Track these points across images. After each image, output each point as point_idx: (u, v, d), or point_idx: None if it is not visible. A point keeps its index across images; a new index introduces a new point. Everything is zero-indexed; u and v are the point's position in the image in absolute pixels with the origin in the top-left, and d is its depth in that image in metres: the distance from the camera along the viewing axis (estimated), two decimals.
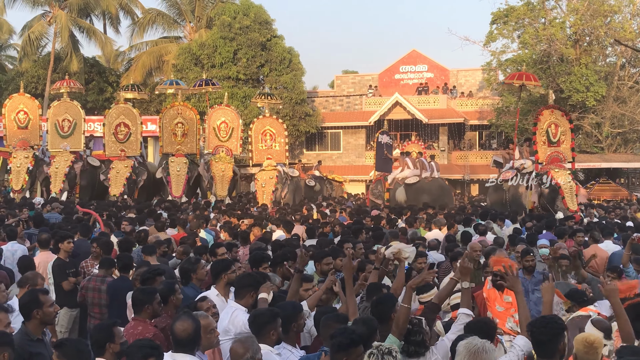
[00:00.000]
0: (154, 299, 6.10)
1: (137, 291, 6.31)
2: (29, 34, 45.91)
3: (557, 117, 21.26)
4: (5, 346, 4.71)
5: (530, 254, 8.72)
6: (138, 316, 6.10)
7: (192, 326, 5.04)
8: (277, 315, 5.41)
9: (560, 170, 20.22)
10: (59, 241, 9.57)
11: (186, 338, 5.02)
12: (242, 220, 15.40)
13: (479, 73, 45.62)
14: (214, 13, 45.53)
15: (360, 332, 4.79)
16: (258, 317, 5.40)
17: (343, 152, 46.73)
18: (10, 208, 17.60)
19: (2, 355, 4.66)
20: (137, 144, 25.69)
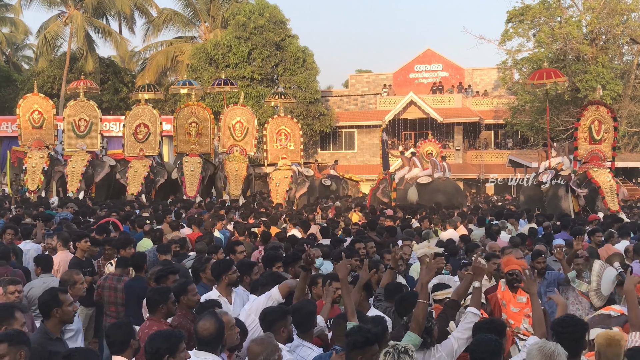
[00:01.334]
0: (168, 298, 6.11)
1: (151, 291, 6.33)
2: (45, 34, 46.16)
3: (602, 114, 20.41)
4: (22, 345, 4.74)
5: (542, 256, 8.67)
6: (153, 316, 6.11)
7: (214, 325, 5.05)
8: (287, 313, 5.41)
9: (599, 169, 19.58)
10: (77, 240, 9.63)
11: (208, 337, 5.04)
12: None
13: (495, 72, 45.47)
14: (229, 13, 45.62)
15: (375, 331, 4.79)
16: (268, 314, 5.42)
17: (357, 151, 46.70)
18: (27, 208, 17.74)
19: (18, 354, 4.69)
20: (156, 143, 25.78)
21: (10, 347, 4.66)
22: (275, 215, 15.63)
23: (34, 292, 7.73)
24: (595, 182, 19.23)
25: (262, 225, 14.12)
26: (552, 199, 20.57)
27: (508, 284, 7.48)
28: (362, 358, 4.59)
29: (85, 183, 24.47)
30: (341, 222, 15.92)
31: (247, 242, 11.37)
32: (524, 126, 38.29)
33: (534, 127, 37.37)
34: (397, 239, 12.37)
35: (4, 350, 4.64)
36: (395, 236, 12.43)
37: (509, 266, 7.48)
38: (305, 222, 13.88)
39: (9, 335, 4.73)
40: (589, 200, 19.38)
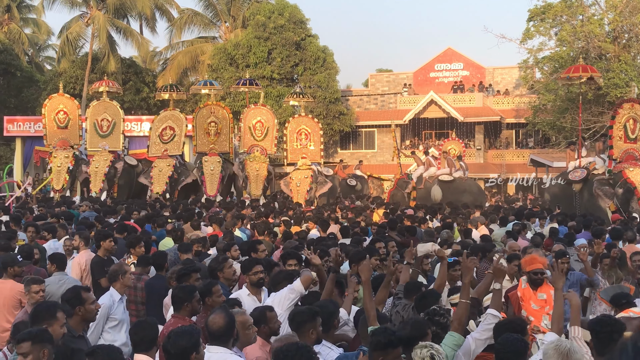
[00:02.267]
0: (194, 297, 6.15)
1: (176, 289, 6.37)
2: (67, 35, 46.54)
3: (637, 112, 19.84)
4: (45, 343, 4.79)
5: (566, 256, 8.62)
6: (177, 313, 6.16)
7: (224, 319, 5.09)
8: (316, 314, 5.40)
9: (635, 169, 18.86)
10: (101, 239, 9.72)
11: (217, 330, 5.08)
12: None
13: (516, 71, 45.21)
14: (249, 13, 45.73)
15: (401, 334, 4.78)
16: (297, 315, 5.42)
17: (377, 151, 46.61)
18: (49, 207, 17.89)
19: (41, 352, 4.74)
20: (180, 144, 25.93)
21: (33, 346, 4.71)
22: (296, 215, 15.65)
23: (50, 290, 7.84)
24: (632, 183, 18.56)
25: (283, 224, 14.16)
26: (588, 199, 19.97)
27: (530, 282, 7.46)
28: (383, 359, 4.59)
29: (107, 183, 24.66)
30: (361, 221, 15.93)
31: (267, 242, 11.40)
32: (546, 125, 37.97)
33: (556, 126, 37.06)
34: (418, 238, 12.38)
35: (27, 349, 4.70)
36: (416, 236, 12.43)
37: (533, 265, 7.46)
38: (325, 221, 13.89)
39: (32, 334, 4.78)
40: (624, 201, 18.69)
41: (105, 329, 7.12)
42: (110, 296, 7.21)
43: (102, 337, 7.11)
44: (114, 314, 7.16)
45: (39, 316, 5.25)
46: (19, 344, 4.75)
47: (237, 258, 9.33)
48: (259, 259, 7.98)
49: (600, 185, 19.15)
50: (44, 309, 5.36)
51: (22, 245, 10.14)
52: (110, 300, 7.18)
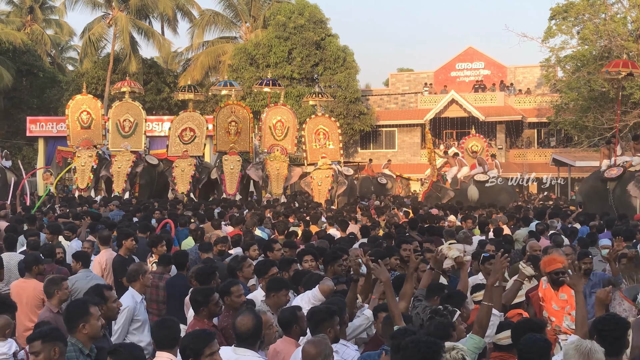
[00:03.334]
0: (210, 300, 6.13)
1: (194, 292, 6.36)
2: (89, 36, 46.90)
3: None
4: (56, 341, 4.82)
5: (588, 257, 8.56)
6: (197, 316, 6.16)
7: (252, 321, 5.09)
8: (334, 314, 5.39)
9: None
10: (123, 238, 9.77)
11: (246, 332, 5.08)
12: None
13: (537, 70, 44.92)
14: (269, 13, 45.84)
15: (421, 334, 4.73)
16: (315, 314, 5.40)
17: (398, 150, 46.50)
18: (71, 206, 18.02)
19: (52, 350, 4.75)
20: (201, 146, 26.03)
21: (44, 344, 4.74)
22: (316, 214, 15.64)
23: (78, 285, 7.94)
24: None
25: (303, 224, 14.15)
26: (622, 197, 19.66)
27: (551, 282, 7.41)
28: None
29: (129, 183, 24.83)
30: (382, 221, 15.90)
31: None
32: (568, 124, 37.67)
33: (578, 126, 36.77)
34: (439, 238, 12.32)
35: (38, 347, 4.73)
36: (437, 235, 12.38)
37: (553, 265, 7.40)
38: (344, 221, 13.87)
39: (42, 333, 4.82)
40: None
41: (130, 330, 7.14)
42: (132, 297, 7.22)
43: (127, 339, 7.13)
44: (138, 315, 7.18)
45: (72, 315, 5.26)
46: (30, 343, 4.78)
47: (256, 258, 9.35)
48: (274, 261, 7.99)
49: (638, 182, 18.94)
50: (76, 307, 5.36)
51: (44, 244, 10.22)
52: (133, 301, 7.19)
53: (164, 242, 9.80)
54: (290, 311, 5.74)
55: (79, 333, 5.16)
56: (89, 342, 5.21)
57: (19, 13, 54.02)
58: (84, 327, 5.16)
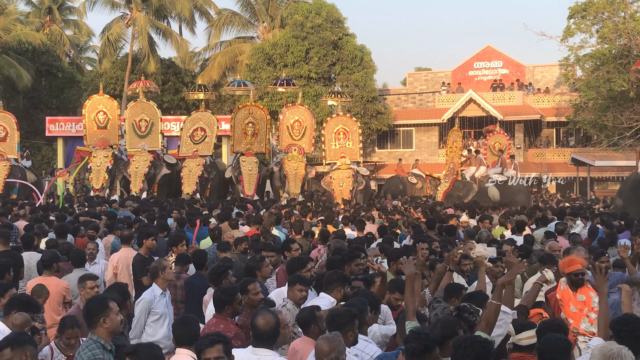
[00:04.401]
0: (235, 299, 6.17)
1: (218, 291, 6.39)
2: (107, 36, 47.14)
3: None
4: (25, 345, 4.84)
5: (605, 255, 8.51)
6: (219, 314, 6.19)
7: (273, 320, 5.10)
8: (355, 316, 5.38)
9: None
10: (144, 238, 9.83)
11: (267, 332, 5.08)
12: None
13: (556, 69, 44.66)
14: (286, 12, 45.86)
15: (434, 336, 4.71)
16: (336, 317, 5.39)
17: (415, 150, 46.32)
18: (91, 206, 18.15)
19: (23, 354, 4.78)
20: (211, 145, 26.07)
21: (14, 351, 4.76)
22: (331, 214, 15.63)
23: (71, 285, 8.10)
24: None
25: (320, 224, 14.16)
26: None
27: (570, 283, 7.35)
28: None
29: (147, 183, 24.92)
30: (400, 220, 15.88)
31: (305, 241, 11.42)
32: (587, 124, 37.44)
33: (597, 125, 36.53)
34: (457, 238, 12.29)
35: (7, 356, 4.74)
36: (455, 235, 12.34)
37: (572, 266, 7.36)
38: (361, 220, 13.86)
39: (10, 340, 4.84)
40: None
41: (148, 322, 7.23)
42: (152, 291, 7.35)
43: (145, 331, 7.22)
44: (156, 308, 7.27)
45: (92, 310, 5.32)
46: (0, 352, 4.80)
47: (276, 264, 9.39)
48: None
49: None
50: (95, 302, 5.42)
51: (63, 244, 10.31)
52: (151, 295, 7.29)
53: (184, 241, 9.86)
54: (309, 311, 5.75)
55: (100, 328, 5.22)
56: (109, 337, 5.26)
57: (38, 14, 54.38)
58: (104, 322, 5.21)
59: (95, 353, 5.08)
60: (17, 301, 6.25)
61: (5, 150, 26.62)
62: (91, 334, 5.24)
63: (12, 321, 5.94)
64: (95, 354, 5.07)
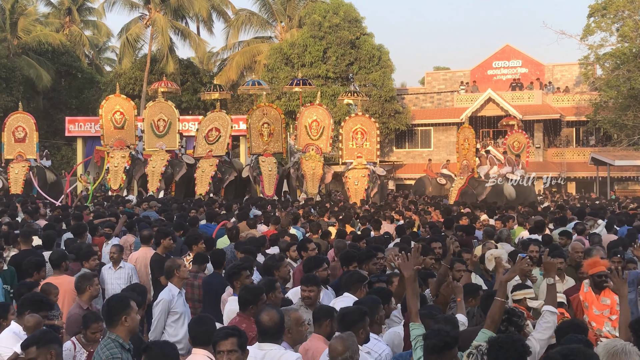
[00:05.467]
0: (260, 299, 6.18)
1: (243, 290, 6.41)
2: (126, 37, 47.41)
3: None
4: (51, 344, 4.88)
5: (617, 256, 8.45)
6: (243, 313, 6.20)
7: (277, 316, 5.11)
8: (365, 314, 5.39)
9: None
10: (161, 237, 9.86)
11: (272, 327, 5.11)
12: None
13: (576, 68, 44.34)
14: (304, 12, 45.87)
15: (454, 333, 4.73)
16: (347, 315, 5.40)
17: (434, 149, 46.18)
18: (112, 206, 18.26)
19: (48, 353, 4.83)
20: (224, 145, 26.01)
21: (39, 349, 4.81)
22: (349, 214, 15.60)
23: None
24: None
25: (338, 224, 14.13)
26: None
27: (594, 285, 7.27)
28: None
29: (165, 182, 25.01)
30: (417, 220, 15.81)
31: (323, 241, 11.40)
32: (607, 123, 37.12)
33: (618, 124, 36.22)
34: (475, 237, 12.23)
35: (33, 354, 4.80)
36: (473, 235, 12.29)
37: (596, 268, 7.28)
38: (377, 220, 13.83)
39: (36, 338, 4.89)
40: None
41: (168, 322, 7.25)
42: (169, 290, 7.36)
43: (165, 332, 7.23)
44: (175, 307, 7.30)
45: (114, 309, 5.34)
46: (25, 350, 4.85)
47: (296, 259, 9.37)
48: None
49: None
50: (117, 301, 5.44)
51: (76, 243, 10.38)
52: (169, 294, 7.31)
53: (201, 240, 9.88)
54: (326, 309, 5.76)
55: (120, 327, 5.24)
56: (128, 336, 5.28)
57: (58, 14, 54.81)
58: (125, 320, 5.24)
59: (113, 352, 5.10)
60: (29, 301, 6.30)
61: (25, 150, 26.85)
62: (109, 332, 5.26)
63: (25, 323, 5.97)
64: (113, 353, 5.09)
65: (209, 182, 24.40)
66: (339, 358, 4.72)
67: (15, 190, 25.02)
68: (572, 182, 42.91)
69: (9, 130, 27.22)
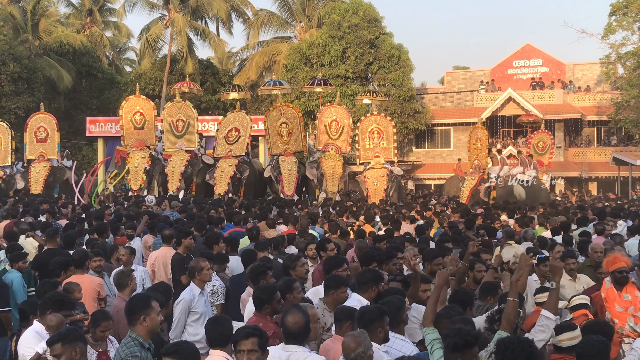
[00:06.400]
0: (274, 298, 6.19)
1: (257, 290, 6.42)
2: (146, 37, 47.65)
3: None
4: (76, 341, 4.92)
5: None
6: (260, 313, 6.21)
7: (303, 319, 5.10)
8: (384, 313, 5.38)
9: None
10: (182, 237, 9.90)
11: (297, 330, 5.09)
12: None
13: (597, 67, 43.99)
14: (324, 12, 45.87)
15: (475, 332, 4.77)
16: (365, 314, 5.40)
17: (453, 149, 46.01)
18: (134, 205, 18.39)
19: (73, 351, 4.88)
20: (244, 145, 26.06)
21: (64, 346, 4.86)
22: (370, 214, 15.57)
23: None
24: None
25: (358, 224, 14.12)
26: None
27: (615, 281, 7.23)
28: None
29: (184, 182, 25.10)
30: (436, 220, 15.77)
31: (342, 241, 11.38)
32: (629, 122, 36.83)
33: (639, 124, 35.93)
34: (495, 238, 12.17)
35: (58, 350, 4.86)
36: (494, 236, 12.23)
37: (616, 264, 7.23)
38: (397, 220, 13.80)
39: (61, 335, 4.94)
40: None
41: (189, 322, 7.29)
42: (191, 290, 7.41)
43: (186, 331, 7.28)
44: (195, 308, 7.33)
45: (135, 307, 5.37)
46: (51, 346, 4.88)
47: (315, 257, 9.37)
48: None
49: None
50: (139, 299, 5.49)
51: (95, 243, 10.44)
52: (190, 294, 7.36)
53: (221, 240, 9.91)
54: (346, 310, 5.75)
55: (140, 325, 5.26)
56: (148, 336, 5.30)
57: (79, 15, 55.21)
58: (144, 320, 5.26)
59: (132, 351, 5.13)
60: (50, 300, 6.34)
61: (46, 151, 27.05)
62: (130, 331, 5.30)
63: (48, 322, 6.01)
64: (132, 351, 5.12)
65: (228, 182, 24.45)
66: (352, 355, 4.74)
67: (36, 190, 25.21)
68: (593, 182, 42.58)
69: (31, 131, 27.44)
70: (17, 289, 8.34)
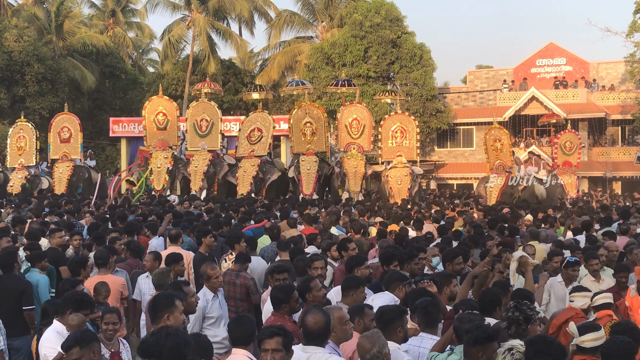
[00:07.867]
0: (291, 297, 6.19)
1: (274, 289, 6.43)
2: (169, 38, 47.94)
3: None
4: (92, 343, 4.98)
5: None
6: (278, 312, 6.22)
7: (323, 319, 5.07)
8: (404, 313, 5.41)
9: None
10: (202, 236, 9.93)
11: (317, 330, 5.07)
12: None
13: (622, 65, 43.54)
14: (345, 12, 45.82)
15: (496, 327, 4.87)
16: (385, 313, 5.41)
17: (476, 148, 45.75)
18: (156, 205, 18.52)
19: (91, 352, 4.92)
20: (266, 145, 26.12)
21: (82, 350, 4.89)
22: (397, 214, 15.51)
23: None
24: None
25: (378, 223, 14.09)
26: None
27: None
28: (483, 354, 4.63)
29: (207, 182, 25.21)
30: (460, 220, 15.71)
31: (364, 240, 11.36)
32: None
33: None
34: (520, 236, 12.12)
35: (77, 354, 4.88)
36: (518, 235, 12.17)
37: None
38: (419, 220, 13.76)
39: (77, 339, 4.96)
40: None
41: (204, 326, 7.30)
42: (204, 296, 7.36)
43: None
44: (210, 312, 7.34)
45: (159, 305, 5.41)
46: (68, 351, 4.91)
47: (336, 259, 9.36)
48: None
49: None
50: (163, 298, 5.52)
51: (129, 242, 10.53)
52: (203, 300, 7.32)
53: (243, 239, 9.92)
54: (355, 307, 5.79)
55: (162, 324, 5.27)
56: None
57: (102, 16, 55.65)
58: (167, 318, 5.30)
59: None
60: (70, 300, 6.37)
61: (70, 151, 27.29)
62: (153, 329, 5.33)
63: (69, 322, 6.04)
64: None
65: (251, 182, 24.52)
66: (367, 356, 4.75)
67: (59, 190, 25.45)
68: (617, 182, 42.16)
69: (54, 131, 27.70)
70: (42, 290, 8.31)
